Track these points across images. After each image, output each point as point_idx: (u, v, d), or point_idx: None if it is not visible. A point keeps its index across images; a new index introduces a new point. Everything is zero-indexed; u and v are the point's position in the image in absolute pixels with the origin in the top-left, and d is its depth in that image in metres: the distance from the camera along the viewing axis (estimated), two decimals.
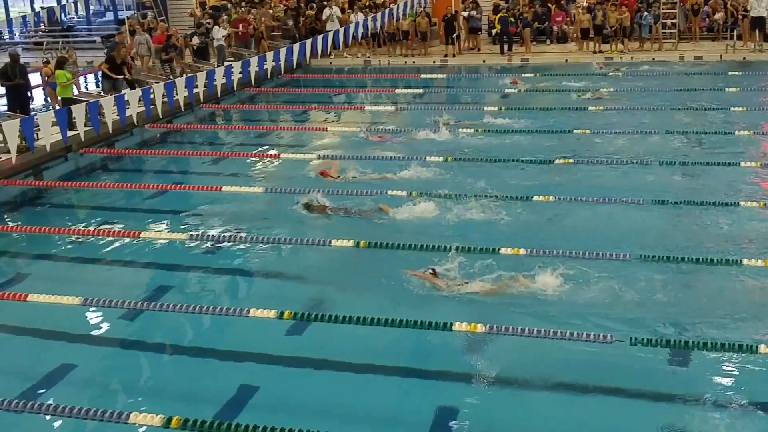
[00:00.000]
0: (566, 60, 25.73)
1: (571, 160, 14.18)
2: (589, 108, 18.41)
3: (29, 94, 16.93)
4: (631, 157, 14.44)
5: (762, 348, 7.64)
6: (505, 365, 7.87)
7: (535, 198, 12.14)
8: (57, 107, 16.96)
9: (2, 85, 17.16)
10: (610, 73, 23.15)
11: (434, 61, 27.05)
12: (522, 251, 10.02)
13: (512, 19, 27.15)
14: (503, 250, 10.05)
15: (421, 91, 22.00)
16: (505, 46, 26.91)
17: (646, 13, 26.01)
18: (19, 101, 16.76)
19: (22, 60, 17.61)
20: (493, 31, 27.94)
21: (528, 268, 9.68)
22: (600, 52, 26.11)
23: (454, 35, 27.59)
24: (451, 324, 8.16)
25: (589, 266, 9.74)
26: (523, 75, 22.90)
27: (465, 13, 27.74)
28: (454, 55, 27.45)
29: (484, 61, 26.52)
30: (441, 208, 12.07)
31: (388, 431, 6.97)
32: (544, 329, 8.05)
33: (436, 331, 8.19)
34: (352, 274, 10.06)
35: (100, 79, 19.87)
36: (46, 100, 20.52)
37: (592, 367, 7.73)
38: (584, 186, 12.90)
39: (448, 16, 27.70)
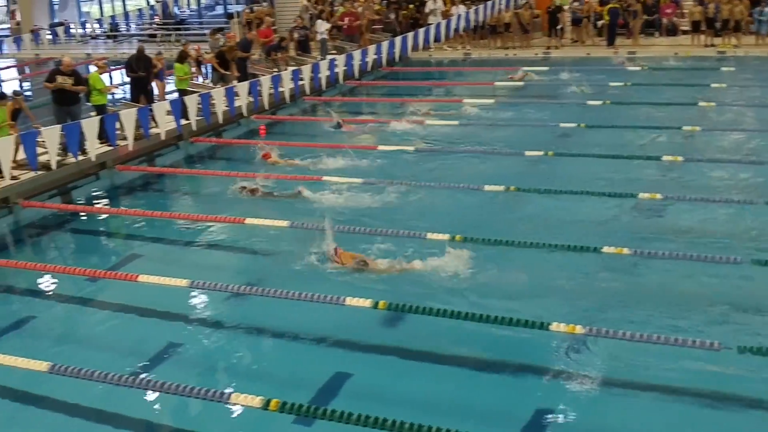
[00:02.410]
0: (676, 53, 25.02)
1: (680, 158, 13.81)
2: (700, 103, 17.88)
3: (151, 86, 17.61)
4: (743, 155, 13.97)
5: None
6: (603, 368, 7.72)
7: (641, 195, 11.85)
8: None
9: (128, 76, 17.87)
10: (722, 68, 22.42)
11: (536, 54, 26.74)
12: (626, 250, 9.77)
13: (621, 11, 26.59)
14: (605, 249, 9.81)
15: (522, 83, 21.78)
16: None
17: (766, 8, 24.99)
18: (142, 91, 17.49)
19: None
20: (599, 23, 27.45)
21: (630, 267, 9.53)
22: (712, 45, 25.29)
23: (558, 27, 27.19)
24: (549, 323, 8.00)
25: (697, 268, 9.51)
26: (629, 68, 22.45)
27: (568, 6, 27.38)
28: (557, 47, 27.06)
29: (588, 54, 26.04)
30: (540, 204, 12.01)
31: (480, 426, 6.96)
32: (646, 334, 7.79)
33: (533, 330, 8.05)
34: (450, 267, 10.09)
35: (210, 71, 20.54)
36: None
37: (696, 375, 7.49)
38: (693, 184, 12.58)
39: (552, 7, 27.32)
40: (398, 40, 22.93)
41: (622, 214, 11.64)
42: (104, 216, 13.41)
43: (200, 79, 20.55)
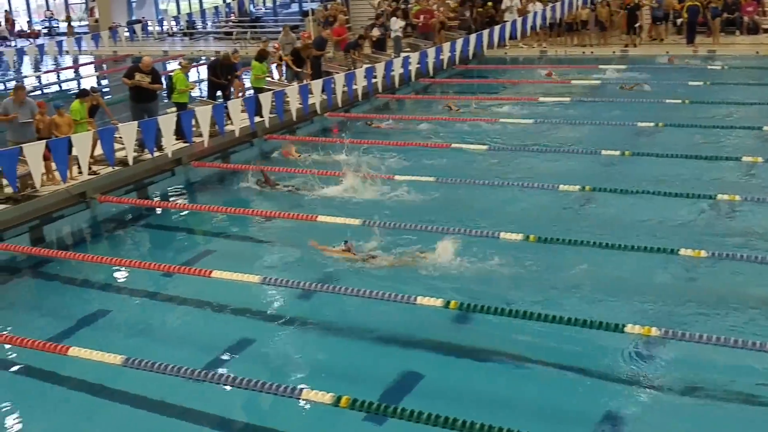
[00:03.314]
0: (757, 52, 24.24)
1: (760, 158, 13.34)
2: None
3: (230, 90, 17.82)
4: None
5: None
6: (677, 372, 7.56)
7: (720, 196, 11.54)
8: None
9: (209, 79, 17.91)
10: None
11: (614, 52, 26.28)
12: (703, 253, 9.51)
13: (701, 9, 25.93)
14: (682, 251, 9.57)
15: (598, 82, 21.40)
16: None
17: None
18: (220, 91, 17.68)
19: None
20: (678, 21, 26.83)
21: (708, 269, 9.24)
22: None
23: (636, 25, 26.67)
24: (623, 325, 7.85)
25: None
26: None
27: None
28: (635, 45, 26.53)
29: (667, 52, 25.45)
30: (616, 205, 11.80)
31: (549, 427, 6.88)
32: (723, 337, 7.60)
33: (607, 332, 7.91)
34: (522, 268, 9.97)
35: (285, 68, 20.68)
36: None
37: None
38: None
39: (630, 5, 26.79)
40: (473, 37, 22.76)
41: (700, 215, 11.39)
42: (179, 212, 13.65)
43: (276, 76, 20.72)
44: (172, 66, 27.64)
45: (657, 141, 15.23)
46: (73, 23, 42.54)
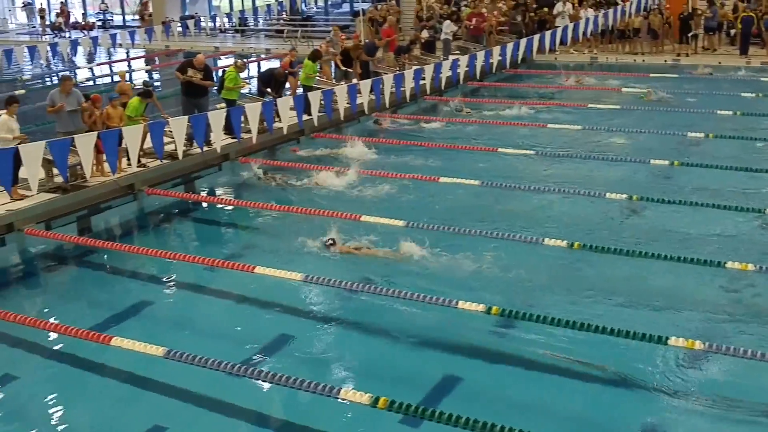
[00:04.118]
0: None
1: None
2: None
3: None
4: None
5: None
6: (720, 388, 7.45)
7: None
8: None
9: (260, 88, 17.88)
10: None
11: (665, 60, 25.93)
12: (751, 267, 9.37)
13: (756, 20, 25.48)
14: (729, 264, 9.45)
15: (649, 90, 21.10)
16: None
17: None
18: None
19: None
20: (732, 32, 26.39)
21: (754, 284, 9.08)
22: None
23: (689, 34, 26.28)
24: (667, 337, 7.77)
25: None
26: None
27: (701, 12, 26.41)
28: (687, 55, 26.15)
29: (719, 63, 25.03)
30: (663, 215, 11.66)
31: None
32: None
33: (649, 344, 7.84)
34: (566, 275, 9.88)
35: (334, 68, 20.72)
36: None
37: None
38: None
39: (685, 14, 26.42)
40: (523, 42, 22.61)
41: (748, 228, 11.23)
42: (224, 207, 13.77)
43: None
44: (223, 62, 27.93)
45: (706, 152, 15.00)
46: (132, 15, 43.15)
